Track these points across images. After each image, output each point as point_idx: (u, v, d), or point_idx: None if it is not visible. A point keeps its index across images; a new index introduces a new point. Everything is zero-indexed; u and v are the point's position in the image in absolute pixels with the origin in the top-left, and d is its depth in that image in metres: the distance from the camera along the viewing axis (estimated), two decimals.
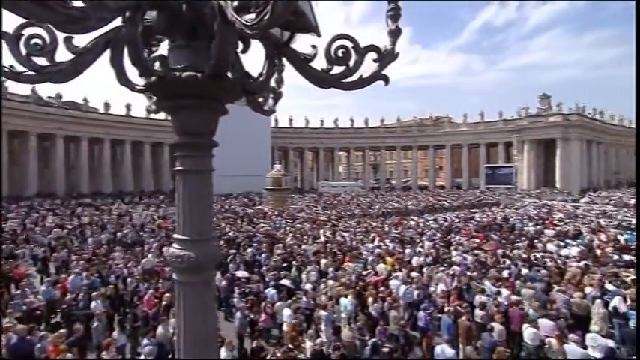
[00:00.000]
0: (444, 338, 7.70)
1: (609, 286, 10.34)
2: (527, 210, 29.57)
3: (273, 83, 2.39)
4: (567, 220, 23.72)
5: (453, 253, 15.03)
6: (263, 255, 14.19)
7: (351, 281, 11.03)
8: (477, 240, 17.52)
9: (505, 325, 8.23)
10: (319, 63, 2.08)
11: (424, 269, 12.71)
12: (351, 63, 1.97)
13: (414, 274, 11.94)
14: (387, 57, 2.06)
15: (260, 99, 2.39)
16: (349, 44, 1.96)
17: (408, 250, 15.37)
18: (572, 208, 30.20)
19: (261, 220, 24.46)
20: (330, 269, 12.33)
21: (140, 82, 1.70)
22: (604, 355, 7.03)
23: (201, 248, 1.70)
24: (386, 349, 7.35)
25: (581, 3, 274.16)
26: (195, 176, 1.73)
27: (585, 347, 7.12)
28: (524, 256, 14.32)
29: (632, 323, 8.22)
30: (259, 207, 32.45)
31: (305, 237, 18.28)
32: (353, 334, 7.68)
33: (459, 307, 9.17)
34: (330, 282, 10.96)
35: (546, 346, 7.40)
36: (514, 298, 9.62)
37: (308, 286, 10.84)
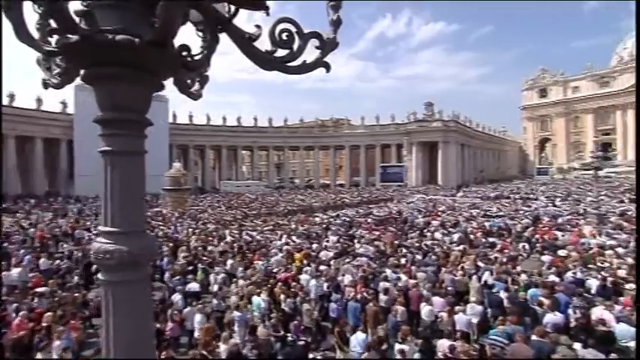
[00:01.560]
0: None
1: (480, 264, 12.31)
2: (416, 204, 33.15)
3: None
4: (448, 212, 27.34)
5: (357, 245, 16.03)
6: (165, 260, 13.06)
7: (261, 279, 10.92)
8: (377, 232, 19.01)
9: (406, 306, 9.11)
10: (262, 45, 2.02)
11: (331, 262, 13.27)
12: (295, 47, 1.96)
13: (322, 267, 12.38)
14: (328, 45, 2.10)
15: (188, 80, 2.21)
16: (293, 28, 1.95)
17: (315, 245, 15.87)
18: (452, 202, 34.95)
19: (160, 223, 22.47)
20: (240, 269, 12.00)
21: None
22: (480, 319, 8.34)
23: (137, 241, 1.48)
24: (301, 342, 7.48)
25: (454, 27, 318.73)
26: (128, 158, 1.50)
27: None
28: (416, 244, 16.06)
29: (495, 290, 9.88)
30: (157, 209, 29.74)
31: (210, 238, 17.43)
32: (268, 332, 7.60)
33: (365, 295, 9.87)
34: (241, 282, 10.68)
35: (439, 319, 8.46)
36: (412, 282, 10.71)
37: (216, 288, 10.39)
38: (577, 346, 6.78)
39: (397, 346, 7.16)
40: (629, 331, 7.02)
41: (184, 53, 1.61)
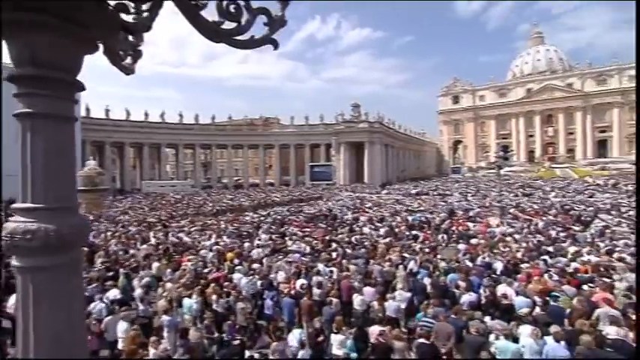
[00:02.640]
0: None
1: (405, 255, 13.21)
2: (345, 201, 34.33)
3: (132, 38, 2.05)
4: (375, 208, 28.79)
5: (289, 242, 16.07)
6: None
7: (192, 281, 10.36)
8: (308, 229, 19.29)
9: (339, 298, 9.37)
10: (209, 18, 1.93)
11: (264, 260, 13.13)
12: (243, 21, 1.91)
13: (255, 265, 12.17)
14: (276, 22, 2.08)
15: (120, 52, 2.02)
16: (241, 2, 1.90)
17: (246, 244, 15.55)
18: (377, 198, 36.88)
19: None
20: (168, 271, 11.24)
21: None
22: (407, 305, 8.95)
23: (66, 219, 1.29)
24: (236, 342, 7.26)
25: (379, 34, 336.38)
26: (54, 123, 1.30)
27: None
28: (346, 239, 16.63)
29: (419, 277, 10.69)
30: None
31: (132, 241, 16.02)
32: (201, 334, 7.24)
33: (299, 289, 9.96)
34: (169, 285, 10.00)
35: (370, 308, 8.87)
36: (344, 274, 11.05)
37: (140, 292, 9.58)
38: (487, 319, 7.65)
39: (333, 337, 7.34)
40: (525, 302, 8.24)
41: (123, 15, 1.45)
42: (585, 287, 9.02)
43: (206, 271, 11.65)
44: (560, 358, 5.97)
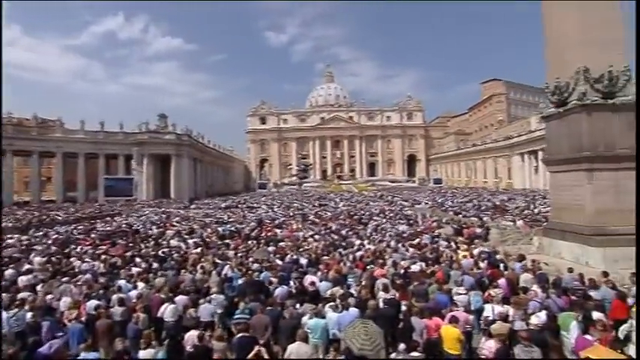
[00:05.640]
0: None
1: (218, 261, 13.12)
2: (149, 217, 30.95)
3: None
4: (183, 222, 27.19)
5: (77, 263, 13.26)
6: None
7: None
8: (104, 247, 16.49)
9: (147, 312, 8.36)
10: None
11: (38, 287, 10.37)
12: None
13: (22, 294, 9.44)
14: None
15: None
16: None
17: (9, 272, 11.87)
18: (185, 213, 34.94)
19: None
20: None
21: None
22: (224, 307, 8.86)
23: None
24: None
25: (191, 46, 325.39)
26: None
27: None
28: (152, 253, 15.07)
29: (234, 280, 10.84)
30: None
31: None
32: None
33: (91, 312, 8.40)
34: None
35: (184, 316, 8.29)
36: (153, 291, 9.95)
37: None
38: (298, 305, 8.48)
39: (141, 353, 6.49)
40: (327, 285, 9.69)
41: None
42: (369, 267, 11.28)
43: None
44: (350, 320, 7.16)
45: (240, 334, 6.91)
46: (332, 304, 8.15)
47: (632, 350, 5.80)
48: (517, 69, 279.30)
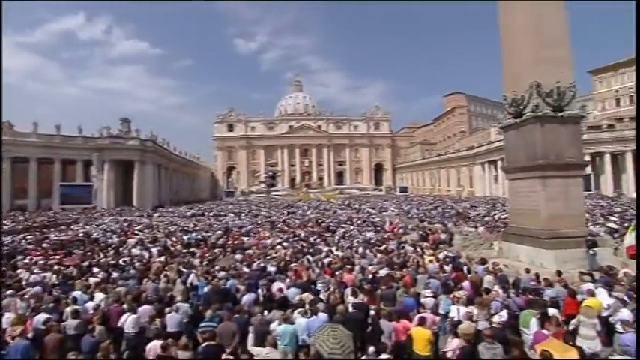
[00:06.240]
0: None
1: (183, 270, 12.72)
2: (109, 225, 29.44)
3: None
4: (146, 230, 26.08)
5: (26, 274, 12.33)
6: None
7: None
8: (57, 257, 15.46)
9: (105, 324, 7.90)
10: None
11: None
12: None
13: None
14: None
15: None
16: None
17: None
18: (149, 221, 33.52)
19: None
20: None
21: None
22: (189, 315, 8.55)
23: None
24: None
25: (157, 51, 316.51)
26: None
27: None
28: (112, 262, 14.35)
29: (199, 288, 10.54)
30: None
31: None
32: None
33: (40, 327, 7.83)
34: None
35: (148, 326, 7.91)
36: (111, 299, 9.45)
37: None
38: (266, 312, 8.35)
39: None
40: (296, 291, 9.61)
41: None
42: (337, 273, 11.30)
43: None
44: (319, 325, 7.13)
45: (206, 343, 6.71)
46: (301, 309, 8.11)
47: (579, 341, 6.27)
48: (478, 83, 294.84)
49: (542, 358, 5.04)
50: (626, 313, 6.95)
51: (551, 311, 7.17)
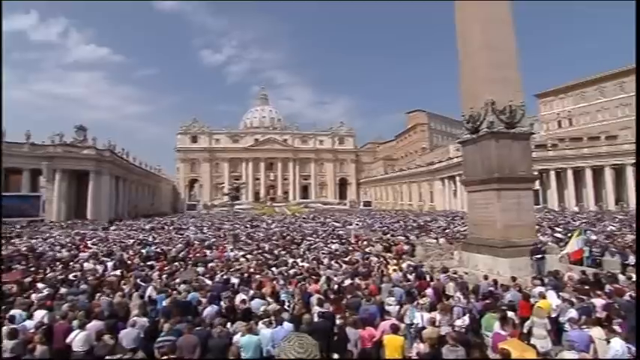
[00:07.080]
0: None
1: (141, 283, 12.11)
2: (57, 238, 27.38)
3: None
4: (100, 244, 24.57)
5: None
6: None
7: None
8: None
9: (47, 344, 7.27)
10: None
11: None
12: None
13: None
14: None
15: None
16: None
17: None
18: (104, 234, 31.61)
19: None
20: None
21: None
22: (147, 329, 8.07)
23: None
24: None
25: (119, 58, 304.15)
26: None
27: None
28: (60, 277, 13.33)
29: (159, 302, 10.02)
30: None
31: None
32: None
33: None
34: None
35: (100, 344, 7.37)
36: (57, 316, 8.74)
37: None
38: (229, 324, 8.08)
39: None
40: (261, 302, 9.37)
41: None
42: (302, 284, 11.18)
43: None
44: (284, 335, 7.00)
45: (164, 358, 6.35)
46: (265, 320, 7.92)
47: (533, 341, 6.69)
48: (439, 101, 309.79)
49: (502, 356, 5.25)
50: (573, 313, 7.44)
51: (509, 314, 7.52)
